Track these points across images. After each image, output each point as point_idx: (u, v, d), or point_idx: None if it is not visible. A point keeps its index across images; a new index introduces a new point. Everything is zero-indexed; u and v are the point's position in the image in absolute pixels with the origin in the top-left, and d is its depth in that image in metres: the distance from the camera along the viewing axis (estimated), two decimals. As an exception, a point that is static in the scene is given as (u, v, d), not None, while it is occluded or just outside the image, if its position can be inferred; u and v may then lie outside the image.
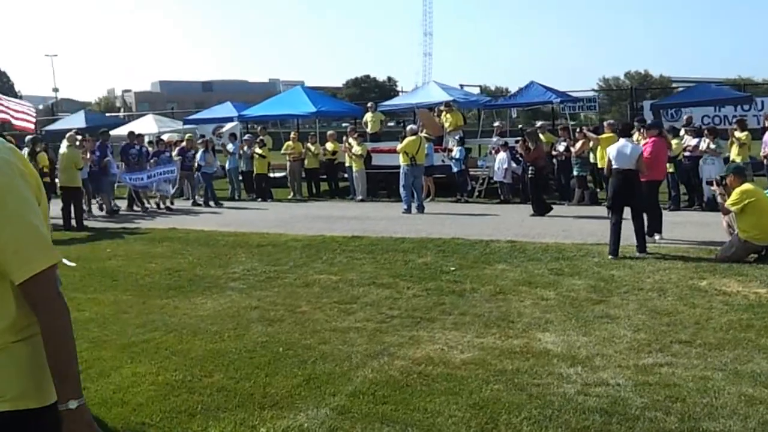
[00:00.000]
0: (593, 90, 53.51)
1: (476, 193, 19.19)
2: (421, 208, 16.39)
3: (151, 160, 19.06)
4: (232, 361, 5.99)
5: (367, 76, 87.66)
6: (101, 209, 18.33)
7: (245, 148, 20.58)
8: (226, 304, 8.12)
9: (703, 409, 4.86)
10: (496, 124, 22.63)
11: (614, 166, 10.60)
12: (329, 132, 22.08)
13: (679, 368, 5.67)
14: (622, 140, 10.67)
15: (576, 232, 12.47)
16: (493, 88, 71.64)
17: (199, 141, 20.58)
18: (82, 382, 5.25)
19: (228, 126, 23.79)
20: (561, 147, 17.43)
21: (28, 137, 16.71)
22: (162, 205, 18.98)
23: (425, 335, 6.75)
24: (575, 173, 17.09)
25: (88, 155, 16.95)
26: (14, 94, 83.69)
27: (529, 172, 15.61)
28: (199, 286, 9.11)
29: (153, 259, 11.02)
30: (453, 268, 9.76)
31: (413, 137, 16.51)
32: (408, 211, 16.33)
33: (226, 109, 25.45)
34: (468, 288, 8.61)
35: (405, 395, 5.20)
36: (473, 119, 27.43)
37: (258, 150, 20.27)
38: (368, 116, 22.70)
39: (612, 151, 10.80)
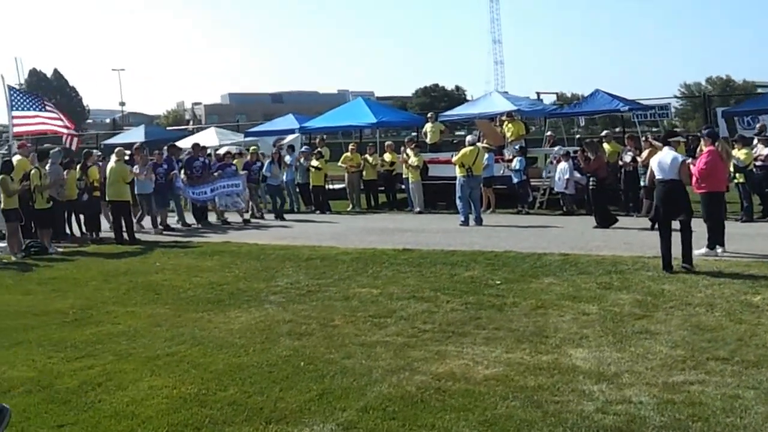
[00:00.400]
0: (674, 96, 52.42)
1: (537, 205, 19.06)
2: (478, 221, 16.38)
3: (215, 173, 19.11)
4: (250, 375, 6.17)
5: (436, 86, 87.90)
6: (176, 223, 18.58)
7: (302, 160, 20.91)
8: (260, 317, 8.33)
9: (725, 429, 4.79)
10: (548, 133, 22.44)
11: (657, 177, 10.42)
12: (387, 143, 22.29)
13: (710, 386, 5.58)
14: (665, 149, 10.50)
15: (637, 245, 12.27)
16: (569, 96, 70.75)
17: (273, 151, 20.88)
18: (99, 394, 5.55)
19: (289, 138, 24.22)
20: (627, 157, 17.15)
21: (84, 151, 17.40)
22: (218, 219, 19.05)
23: (453, 350, 6.81)
24: (642, 183, 16.77)
25: (137, 169, 17.44)
26: (82, 108, 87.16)
27: (590, 183, 15.45)
28: (238, 299, 9.37)
29: (200, 273, 11.35)
30: (498, 282, 9.78)
31: (470, 148, 16.54)
32: (465, 223, 16.35)
33: (288, 121, 26.03)
34: (509, 302, 8.63)
35: (416, 411, 5.27)
36: (539, 128, 27.19)
37: (314, 162, 20.59)
38: (428, 126, 22.82)
39: (654, 161, 10.65)
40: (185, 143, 23.49)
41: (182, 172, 18.80)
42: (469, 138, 17.62)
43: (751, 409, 5.10)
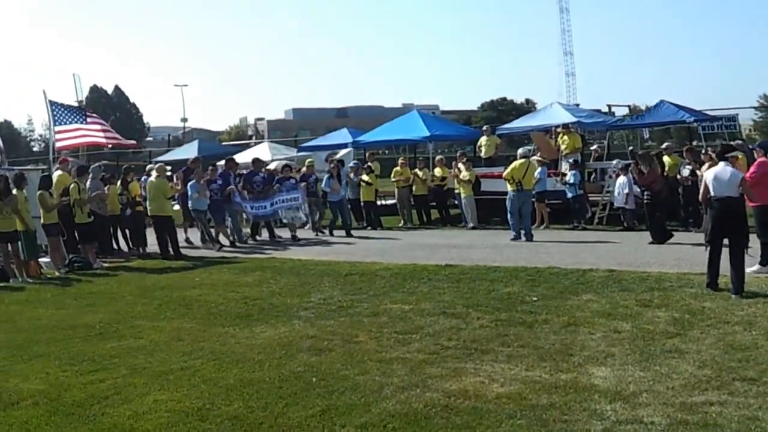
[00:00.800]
0: (752, 107, 51.08)
1: (596, 220, 18.83)
2: (529, 236, 16.32)
3: (275, 187, 19.00)
4: (257, 390, 6.31)
5: (504, 99, 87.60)
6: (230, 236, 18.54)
7: (352, 175, 21.07)
8: (285, 333, 8.49)
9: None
10: (593, 147, 22.16)
11: (712, 194, 9.98)
12: (437, 157, 22.37)
13: (730, 407, 5.50)
14: (721, 164, 10.09)
15: (687, 261, 12.05)
16: (643, 108, 69.40)
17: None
18: (103, 407, 5.76)
19: (342, 152, 24.46)
20: (686, 171, 16.86)
21: (124, 167, 17.92)
22: (292, 234, 18.81)
23: (471, 367, 6.84)
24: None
25: (179, 184, 17.85)
26: (142, 126, 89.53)
27: (645, 197, 15.24)
28: (268, 314, 9.56)
29: (236, 288, 11.60)
30: (535, 299, 9.75)
31: (520, 161, 16.51)
32: (517, 238, 16.30)
33: (342, 136, 26.33)
34: (540, 319, 8.60)
35: (417, 428, 5.33)
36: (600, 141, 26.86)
37: (364, 177, 20.75)
38: (483, 140, 22.81)
39: (709, 176, 10.14)
40: (241, 158, 23.89)
41: (241, 187, 18.77)
42: (520, 151, 17.53)
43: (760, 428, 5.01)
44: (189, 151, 29.52)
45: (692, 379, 6.20)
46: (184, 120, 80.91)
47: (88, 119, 17.01)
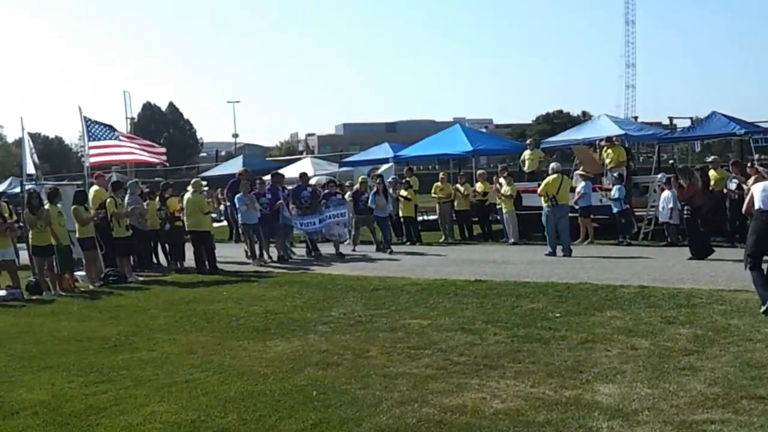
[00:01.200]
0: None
1: (642, 236, 18.63)
2: (567, 251, 16.24)
3: (322, 202, 19.11)
4: (255, 403, 6.45)
5: (560, 111, 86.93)
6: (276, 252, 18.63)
7: (391, 190, 21.16)
8: (298, 347, 8.62)
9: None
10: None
11: (758, 206, 9.78)
12: (479, 171, 22.36)
13: (731, 425, 5.44)
14: None
15: (723, 278, 11.90)
16: (706, 119, 68.23)
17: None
18: (99, 418, 5.94)
19: (383, 167, 24.60)
20: (732, 185, 16.60)
21: (162, 183, 18.32)
22: (336, 253, 18.60)
23: (476, 383, 6.86)
24: (748, 211, 16.17)
25: (217, 201, 18.16)
26: (195, 142, 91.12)
27: (685, 212, 15.05)
28: (285, 329, 9.71)
29: (260, 302, 11.79)
30: (558, 315, 9.72)
31: (554, 176, 16.49)
32: (552, 254, 16.24)
33: (383, 150, 26.51)
34: (558, 335, 8.58)
35: (404, 443, 5.40)
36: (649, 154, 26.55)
37: (402, 192, 20.84)
38: (526, 154, 22.73)
39: (758, 188, 9.99)
40: (286, 172, 24.14)
41: (290, 202, 18.88)
42: (552, 165, 17.46)
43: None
44: (234, 166, 30.06)
45: (699, 397, 6.14)
46: (236, 136, 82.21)
47: (121, 137, 17.43)
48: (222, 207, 23.94)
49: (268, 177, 20.70)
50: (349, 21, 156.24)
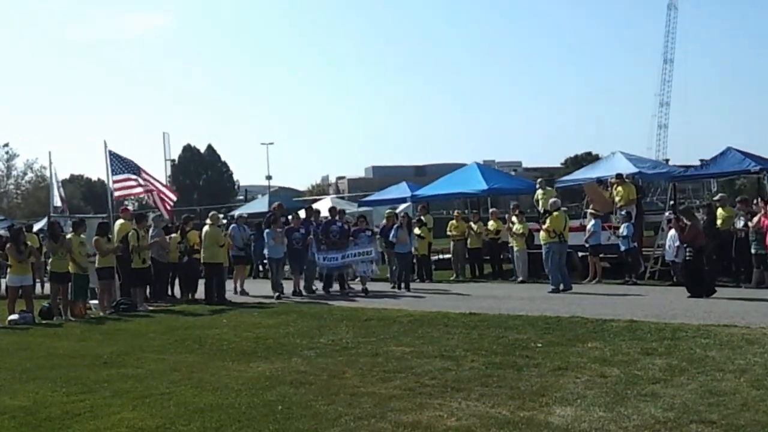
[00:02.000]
0: None
1: (648, 275, 18.47)
2: (568, 286, 16.26)
3: (350, 240, 18.55)
4: (220, 414, 6.64)
5: (589, 153, 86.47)
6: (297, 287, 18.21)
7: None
8: (278, 368, 8.74)
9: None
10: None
11: None
12: (492, 210, 22.38)
13: (666, 447, 5.41)
14: None
15: (717, 314, 11.76)
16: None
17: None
18: (71, 423, 6.12)
19: (401, 207, 24.73)
20: (740, 223, 16.43)
21: (183, 216, 18.65)
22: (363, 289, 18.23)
23: (437, 403, 6.91)
24: (753, 251, 15.97)
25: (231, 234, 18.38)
26: (232, 184, 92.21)
27: (687, 253, 14.94)
28: (272, 353, 9.84)
29: (254, 329, 11.96)
30: (539, 345, 9.72)
31: (557, 213, 16.54)
32: (557, 290, 16.20)
33: (401, 190, 26.70)
34: (534, 363, 8.58)
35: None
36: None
37: (416, 230, 20.89)
38: (539, 193, 22.67)
39: None
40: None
41: (320, 234, 18.49)
42: (553, 201, 17.53)
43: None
44: (261, 205, 30.50)
45: (650, 421, 6.12)
46: (269, 178, 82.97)
47: (142, 174, 17.81)
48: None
49: (303, 212, 20.68)
50: (377, 65, 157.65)
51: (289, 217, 19.58)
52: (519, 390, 7.33)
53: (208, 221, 17.73)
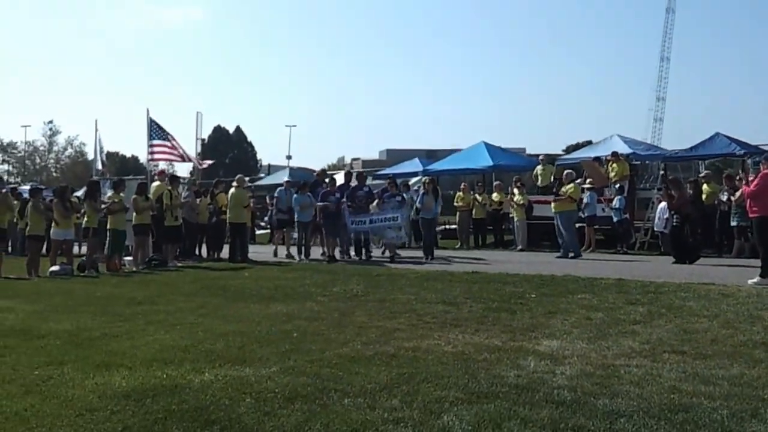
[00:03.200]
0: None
1: (638, 245, 18.68)
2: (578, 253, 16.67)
3: (375, 202, 17.69)
4: (242, 337, 7.04)
5: (589, 141, 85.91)
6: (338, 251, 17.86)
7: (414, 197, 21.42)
8: (295, 308, 9.05)
9: (608, 390, 5.03)
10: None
11: None
12: (495, 182, 22.60)
13: (642, 368, 5.68)
14: None
15: (698, 276, 11.92)
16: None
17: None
18: (109, 341, 6.45)
19: (413, 180, 24.97)
20: (723, 197, 16.63)
21: (215, 180, 19.11)
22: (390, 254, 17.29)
23: (436, 335, 7.20)
24: (734, 223, 16.17)
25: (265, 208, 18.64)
26: (256, 162, 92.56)
27: (674, 220, 15.14)
28: (288, 297, 10.15)
29: (274, 281, 12.25)
30: (533, 296, 9.95)
31: (573, 184, 16.98)
32: (579, 255, 16.73)
33: (413, 165, 26.99)
34: (527, 308, 8.84)
35: (355, 365, 5.81)
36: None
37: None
38: (538, 169, 22.86)
39: None
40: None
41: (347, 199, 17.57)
42: (567, 172, 17.88)
43: (654, 381, 5.24)
44: (281, 177, 30.86)
45: (627, 350, 6.39)
46: (289, 157, 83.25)
47: (175, 142, 18.36)
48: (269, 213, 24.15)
49: (341, 177, 20.04)
50: (392, 53, 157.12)
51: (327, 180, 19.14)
52: (511, 327, 7.60)
53: (234, 183, 18.04)
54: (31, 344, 6.89)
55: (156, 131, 17.96)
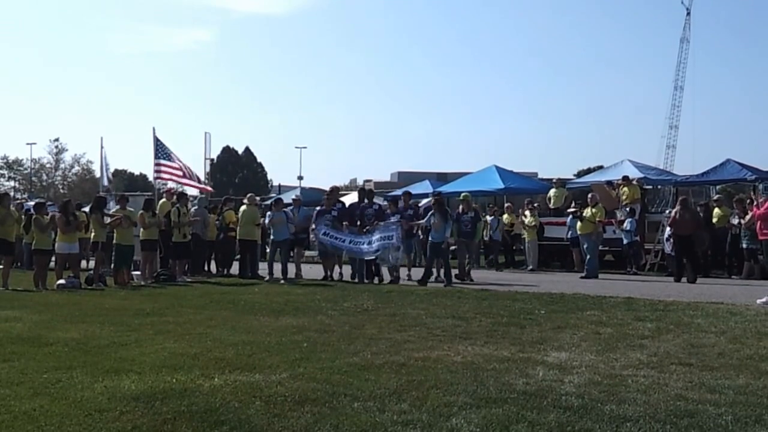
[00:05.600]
0: None
1: (647, 267, 18.73)
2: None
3: (374, 222, 16.33)
4: (252, 347, 7.14)
5: (600, 166, 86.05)
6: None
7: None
8: (305, 321, 9.16)
9: (613, 396, 5.13)
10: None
11: None
12: (506, 204, 22.70)
13: (649, 378, 5.78)
14: None
15: (707, 296, 11.99)
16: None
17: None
18: (117, 349, 6.56)
19: (423, 202, 25.07)
20: (734, 220, 16.69)
21: (224, 197, 19.29)
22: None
23: (446, 346, 7.30)
24: (744, 246, 16.20)
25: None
26: (266, 183, 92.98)
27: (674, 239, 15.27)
28: (299, 311, 10.26)
29: (284, 296, 12.37)
30: (543, 312, 10.02)
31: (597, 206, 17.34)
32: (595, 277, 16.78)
33: (423, 186, 27.08)
34: (536, 323, 8.92)
35: (364, 372, 5.92)
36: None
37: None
38: (552, 191, 22.97)
39: None
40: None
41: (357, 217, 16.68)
42: (591, 195, 18.22)
43: (660, 389, 5.31)
44: (289, 196, 30.97)
45: (635, 362, 6.48)
46: (300, 178, 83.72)
47: (180, 162, 18.58)
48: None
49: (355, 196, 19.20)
50: (402, 80, 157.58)
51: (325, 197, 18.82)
52: (521, 340, 7.70)
53: (245, 201, 18.16)
54: (39, 351, 7.00)
55: (161, 151, 18.16)
